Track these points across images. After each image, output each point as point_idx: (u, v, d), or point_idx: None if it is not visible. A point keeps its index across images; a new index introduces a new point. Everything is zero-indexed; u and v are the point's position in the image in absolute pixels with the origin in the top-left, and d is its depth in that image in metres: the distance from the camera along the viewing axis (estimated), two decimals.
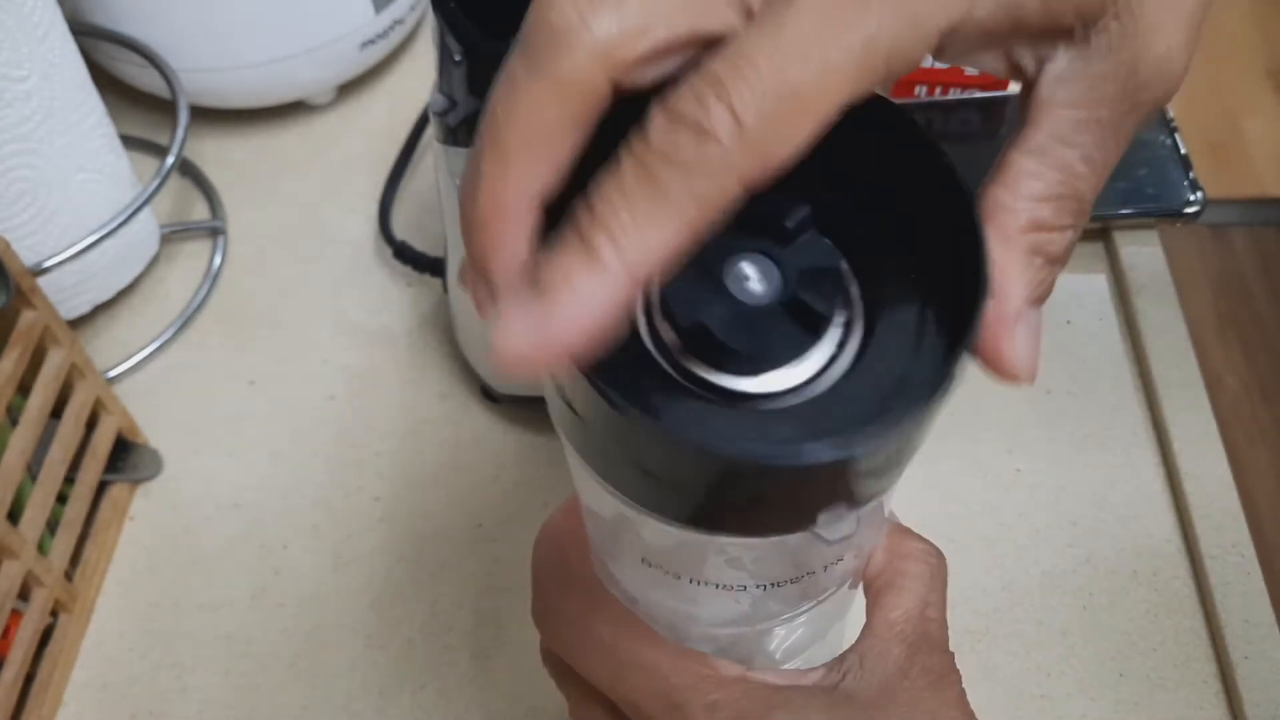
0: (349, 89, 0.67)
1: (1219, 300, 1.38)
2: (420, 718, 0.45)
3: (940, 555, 0.30)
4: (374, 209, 0.61)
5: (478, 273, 0.20)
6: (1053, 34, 0.21)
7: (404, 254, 0.57)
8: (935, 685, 0.27)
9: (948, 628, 0.29)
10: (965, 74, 0.61)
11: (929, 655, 0.27)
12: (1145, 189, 0.57)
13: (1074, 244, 0.23)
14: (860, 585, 0.29)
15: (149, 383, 0.56)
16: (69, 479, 0.47)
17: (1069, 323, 0.56)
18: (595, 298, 0.18)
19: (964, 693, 0.28)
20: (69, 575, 0.47)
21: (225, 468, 0.53)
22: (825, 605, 0.28)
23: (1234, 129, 1.61)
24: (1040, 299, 0.22)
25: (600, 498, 0.24)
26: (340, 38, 0.62)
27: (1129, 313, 0.55)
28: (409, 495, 0.51)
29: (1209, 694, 0.44)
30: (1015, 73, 0.22)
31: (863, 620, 0.29)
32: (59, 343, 0.46)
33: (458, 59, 0.41)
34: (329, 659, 0.47)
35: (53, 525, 0.47)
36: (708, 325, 0.20)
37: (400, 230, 0.59)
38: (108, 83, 0.60)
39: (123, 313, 0.58)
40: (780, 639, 0.30)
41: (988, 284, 0.21)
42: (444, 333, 0.56)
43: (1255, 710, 0.43)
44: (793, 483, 0.21)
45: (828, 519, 0.22)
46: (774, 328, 0.20)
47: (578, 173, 0.19)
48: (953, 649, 0.28)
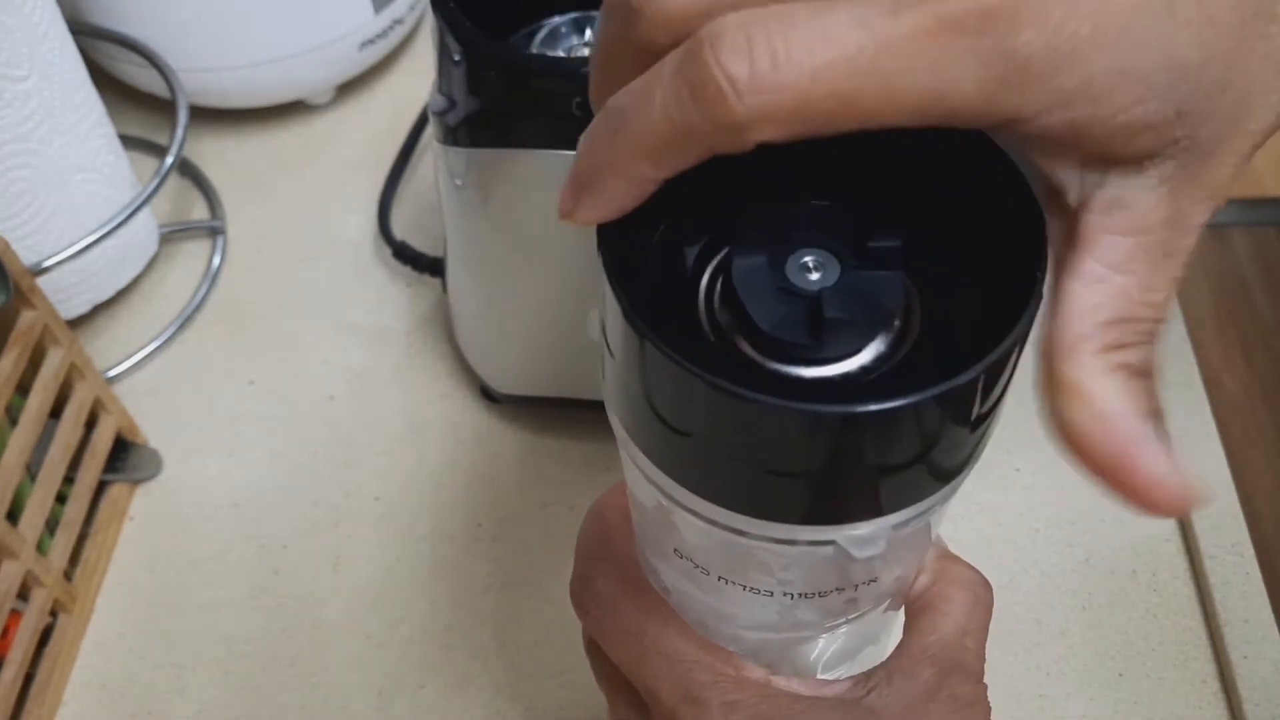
0: (348, 89, 0.67)
1: (1218, 300, 1.38)
2: (420, 717, 0.45)
3: (987, 586, 0.29)
4: (374, 209, 0.61)
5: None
6: (1106, 161, 0.21)
7: (404, 254, 0.57)
8: (961, 713, 0.26)
9: (984, 660, 0.28)
10: None
11: (960, 683, 0.27)
12: None
13: (1155, 357, 0.22)
14: (901, 609, 0.29)
15: (148, 382, 0.56)
16: (68, 479, 0.47)
17: None
18: (621, 197, 0.21)
19: None
20: (68, 575, 0.47)
21: (225, 467, 0.53)
22: (859, 625, 0.28)
23: None
24: (1151, 412, 0.22)
25: (641, 484, 0.24)
26: (340, 38, 0.62)
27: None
28: (408, 495, 0.51)
29: (1208, 694, 0.44)
30: (1053, 194, 0.22)
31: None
32: (58, 342, 0.46)
33: (457, 59, 0.41)
34: (328, 659, 0.47)
35: (52, 525, 0.47)
36: (763, 309, 0.21)
37: (400, 230, 0.59)
38: (107, 83, 0.60)
39: (122, 312, 0.58)
40: (809, 652, 0.29)
41: (1043, 269, 0.21)
42: (443, 333, 0.56)
43: (1254, 710, 0.43)
44: (820, 453, 0.21)
45: (855, 536, 0.22)
46: (828, 319, 0.21)
47: None
48: None
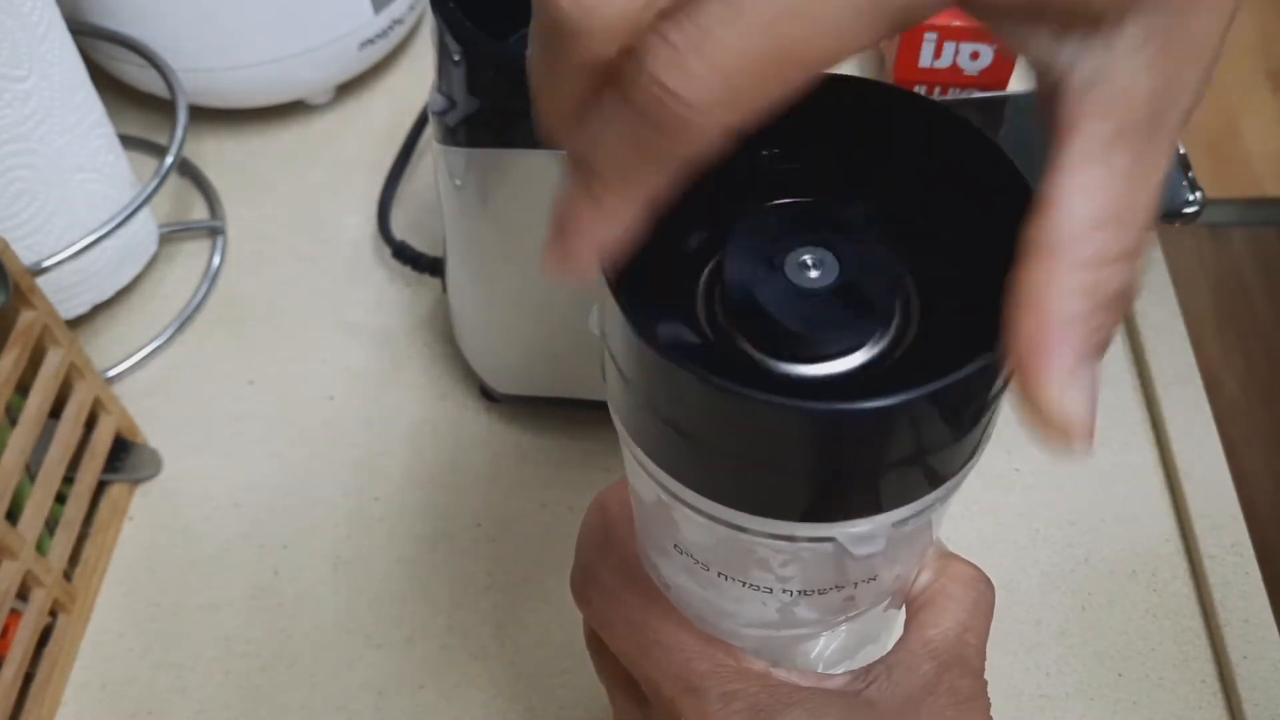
0: (348, 89, 0.67)
1: (1217, 300, 1.38)
2: (419, 717, 0.45)
3: (989, 584, 0.29)
4: (373, 209, 0.61)
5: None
6: (1078, 24, 0.19)
7: (403, 254, 0.57)
8: (961, 707, 0.26)
9: (985, 657, 0.28)
10: (965, 74, 0.61)
11: (960, 677, 0.27)
12: None
13: (1135, 283, 0.20)
14: (902, 608, 0.29)
15: (148, 382, 0.56)
16: (68, 479, 0.47)
17: None
18: (595, 233, 0.20)
19: None
20: (68, 575, 0.47)
21: (224, 468, 0.52)
22: (859, 623, 0.28)
23: (1232, 129, 1.61)
24: (1098, 348, 0.20)
25: (642, 479, 0.24)
26: (339, 38, 0.62)
27: (1127, 312, 0.55)
28: (408, 495, 0.51)
29: (1207, 694, 0.44)
30: (1039, 82, 0.20)
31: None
32: (58, 342, 0.46)
33: (457, 59, 0.41)
34: (328, 659, 0.47)
35: (52, 525, 0.46)
36: (761, 307, 0.21)
37: (399, 230, 0.59)
38: (107, 82, 0.60)
39: (122, 312, 0.58)
40: (809, 650, 0.29)
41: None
42: (443, 333, 0.56)
43: (1254, 710, 0.43)
44: (815, 447, 0.21)
45: (855, 533, 0.22)
46: (827, 316, 0.21)
47: None
48: None
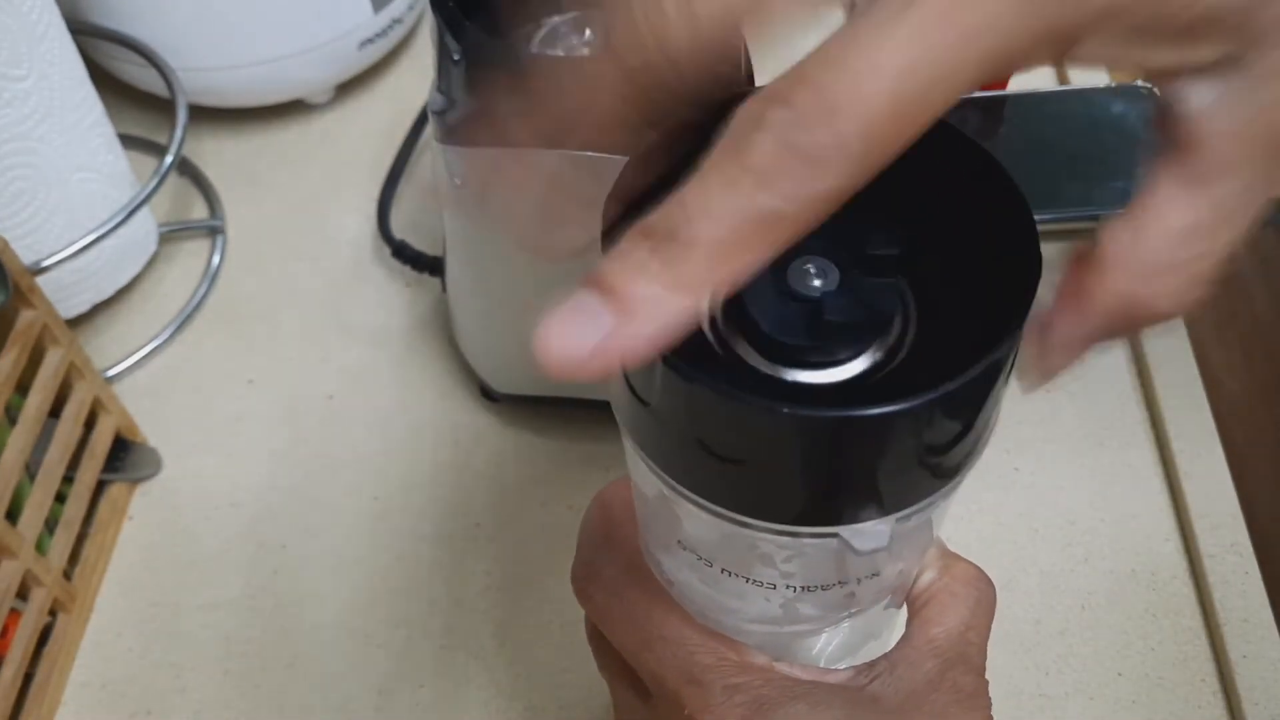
0: (348, 88, 0.67)
1: (1218, 300, 1.37)
2: (419, 717, 0.45)
3: (990, 584, 0.30)
4: (373, 208, 0.61)
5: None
6: (1224, 42, 0.19)
7: (403, 253, 0.57)
8: (963, 704, 0.27)
9: (986, 656, 0.28)
10: None
11: (962, 674, 0.27)
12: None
13: (1181, 308, 0.21)
14: (904, 606, 0.29)
15: (148, 382, 0.56)
16: (68, 478, 0.47)
17: None
18: (671, 313, 0.17)
19: (991, 718, 0.27)
20: (68, 575, 0.47)
21: (224, 467, 0.52)
22: (860, 620, 0.28)
23: None
24: (1117, 327, 0.21)
25: (645, 475, 0.24)
26: (339, 37, 0.62)
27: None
28: (407, 495, 0.51)
29: (1207, 693, 0.44)
30: (1166, 87, 0.20)
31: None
32: (57, 342, 0.46)
33: (456, 58, 0.41)
34: (328, 659, 0.47)
35: (51, 525, 0.46)
36: (765, 313, 0.21)
37: (399, 229, 0.59)
38: (106, 82, 0.60)
39: (121, 312, 0.58)
40: (811, 647, 0.29)
41: (1037, 273, 0.20)
42: (443, 332, 0.56)
43: (1254, 709, 0.43)
44: (823, 453, 0.21)
45: (859, 529, 0.22)
46: (830, 322, 0.21)
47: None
48: None
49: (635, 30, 0.18)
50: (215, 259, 0.60)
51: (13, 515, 0.43)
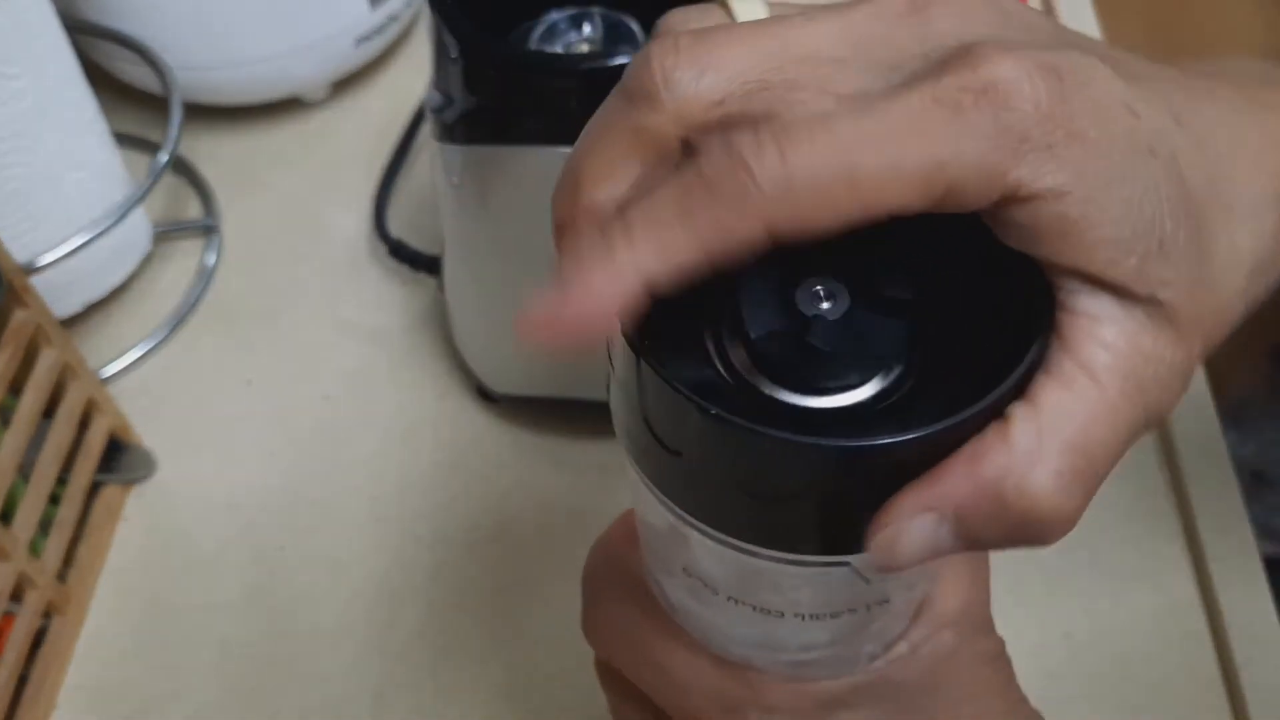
0: (344, 85, 0.67)
1: None
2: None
3: (982, 555, 0.30)
4: (369, 207, 0.61)
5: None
6: (1086, 277, 0.20)
7: (400, 252, 0.57)
8: (990, 665, 0.28)
9: (993, 622, 0.29)
10: None
11: (982, 640, 0.28)
12: None
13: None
14: None
15: (142, 382, 0.55)
16: (61, 479, 0.47)
17: None
18: (602, 290, 0.19)
19: (1014, 676, 0.28)
20: (62, 577, 0.47)
21: (220, 468, 0.52)
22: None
23: None
24: (976, 538, 0.20)
25: (652, 505, 0.24)
26: (335, 34, 0.61)
27: None
28: (405, 496, 0.51)
29: (1212, 697, 0.44)
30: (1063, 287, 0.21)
31: None
32: (51, 342, 0.46)
33: (454, 55, 0.41)
34: (325, 661, 0.46)
35: (45, 526, 0.46)
36: (777, 340, 0.21)
37: (396, 228, 0.59)
38: (101, 80, 0.60)
39: (116, 312, 0.58)
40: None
41: (1049, 330, 0.20)
42: (440, 332, 0.56)
43: (1259, 713, 0.43)
44: (829, 485, 0.21)
45: (869, 557, 0.22)
46: (842, 349, 0.21)
47: None
48: None
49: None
50: (211, 258, 0.59)
51: (6, 517, 0.43)
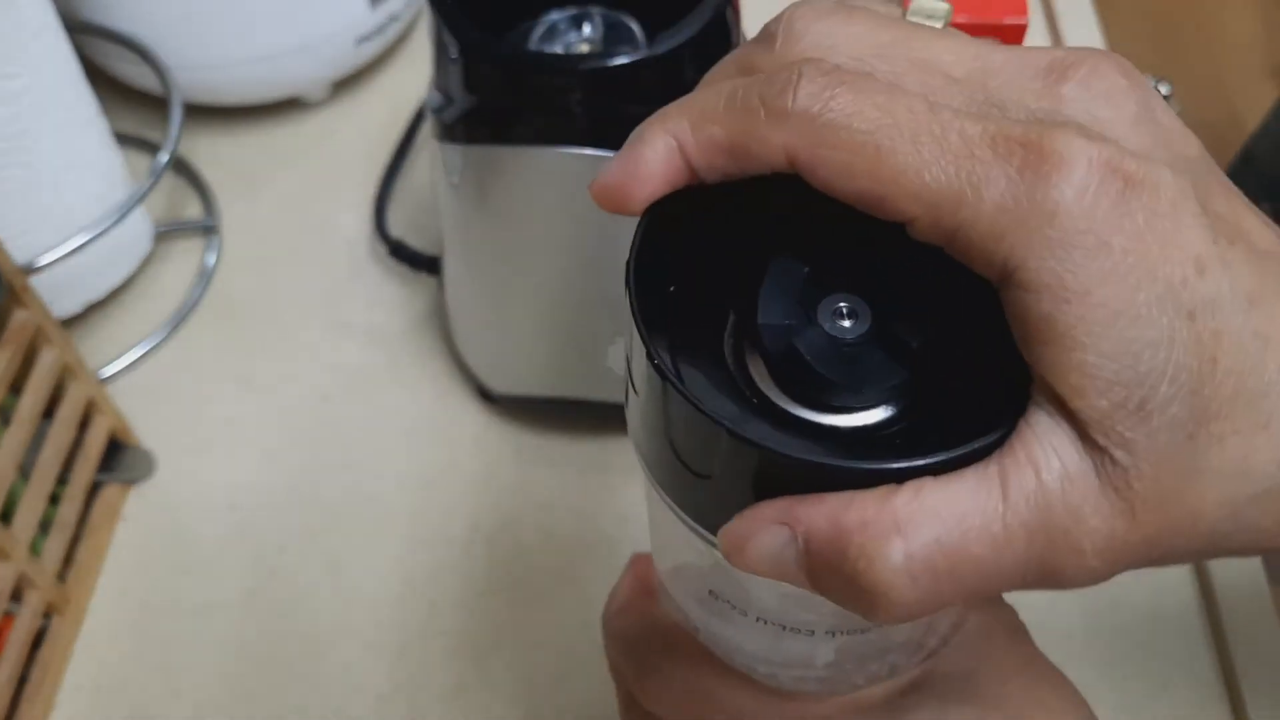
0: (344, 86, 0.67)
1: None
2: None
3: None
4: (369, 207, 0.61)
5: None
6: (1060, 403, 0.19)
7: (400, 252, 0.57)
8: (1016, 638, 0.28)
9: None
10: None
11: (1002, 613, 0.29)
12: None
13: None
14: None
15: (142, 383, 0.55)
16: (61, 480, 0.47)
17: None
18: (645, 152, 0.22)
19: (1034, 641, 0.29)
20: (61, 577, 0.47)
21: (219, 469, 0.52)
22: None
23: (1237, 128, 1.60)
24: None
25: (681, 537, 0.24)
26: (335, 33, 0.61)
27: None
28: (405, 496, 0.51)
29: (1212, 696, 0.44)
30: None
31: None
32: (51, 342, 0.46)
33: (454, 55, 0.41)
34: (324, 662, 0.46)
35: (45, 526, 0.46)
36: (799, 355, 0.22)
37: (396, 228, 0.59)
38: (101, 80, 0.60)
39: (116, 312, 0.58)
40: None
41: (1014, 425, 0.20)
42: (440, 332, 0.56)
43: (1258, 713, 0.43)
44: None
45: None
46: (863, 366, 0.22)
47: None
48: None
49: None
50: (211, 259, 0.59)
51: (6, 517, 0.43)
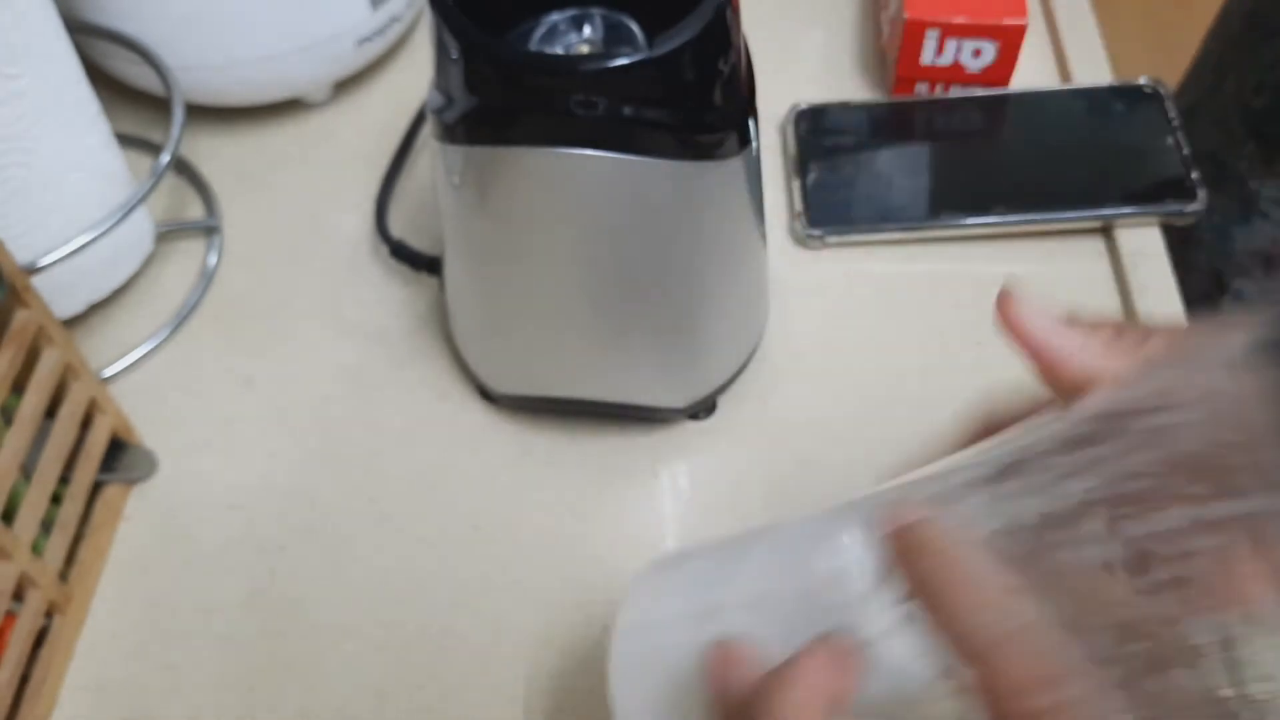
0: (345, 86, 0.67)
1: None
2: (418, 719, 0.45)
3: None
4: (370, 207, 0.61)
5: None
6: None
7: (401, 252, 0.57)
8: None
9: None
10: (967, 71, 0.61)
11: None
12: (1147, 188, 0.57)
13: None
14: None
15: (144, 382, 0.55)
16: (63, 479, 0.47)
17: None
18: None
19: None
20: (64, 576, 0.47)
21: (221, 468, 0.52)
22: None
23: None
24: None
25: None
26: (337, 34, 0.62)
27: (1130, 312, 0.55)
28: (406, 496, 0.51)
29: None
30: None
31: None
32: (53, 342, 0.46)
33: (454, 56, 0.41)
34: (325, 661, 0.47)
35: (47, 526, 0.46)
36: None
37: (397, 229, 0.59)
38: (103, 80, 0.60)
39: (117, 312, 0.58)
40: None
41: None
42: (441, 332, 0.56)
43: None
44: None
45: None
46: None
47: None
48: None
49: None
50: (212, 259, 0.60)
51: (8, 516, 0.43)
